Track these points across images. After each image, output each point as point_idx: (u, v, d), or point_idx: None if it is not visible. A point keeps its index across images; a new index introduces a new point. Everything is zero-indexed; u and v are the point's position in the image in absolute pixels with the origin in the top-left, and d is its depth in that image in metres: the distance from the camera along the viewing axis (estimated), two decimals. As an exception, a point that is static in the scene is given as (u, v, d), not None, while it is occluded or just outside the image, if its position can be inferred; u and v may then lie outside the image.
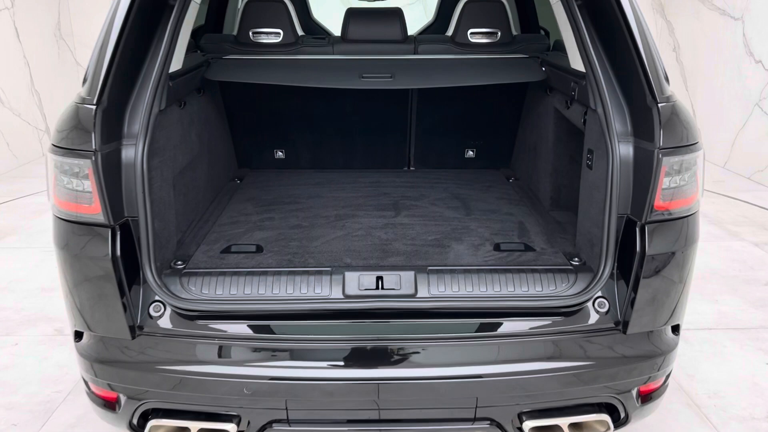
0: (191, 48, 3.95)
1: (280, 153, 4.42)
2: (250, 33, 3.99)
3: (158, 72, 2.74)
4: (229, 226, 3.37)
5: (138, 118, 2.65)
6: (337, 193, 3.95)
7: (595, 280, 2.70)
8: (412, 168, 4.51)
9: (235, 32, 4.12)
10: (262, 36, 4.02)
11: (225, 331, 2.64)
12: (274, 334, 2.66)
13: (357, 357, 2.60)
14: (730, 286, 5.28)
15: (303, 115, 4.27)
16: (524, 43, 4.07)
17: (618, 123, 2.67)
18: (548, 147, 3.60)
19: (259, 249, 3.06)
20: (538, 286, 2.73)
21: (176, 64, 2.98)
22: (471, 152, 4.45)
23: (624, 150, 2.64)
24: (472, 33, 4.01)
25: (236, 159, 4.41)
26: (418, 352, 2.61)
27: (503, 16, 3.95)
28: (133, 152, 2.60)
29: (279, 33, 3.99)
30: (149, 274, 2.64)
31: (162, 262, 2.78)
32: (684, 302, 2.80)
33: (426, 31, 5.79)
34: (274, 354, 2.62)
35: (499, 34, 4.03)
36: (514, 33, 4.15)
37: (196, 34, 5.03)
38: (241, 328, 2.66)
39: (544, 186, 3.67)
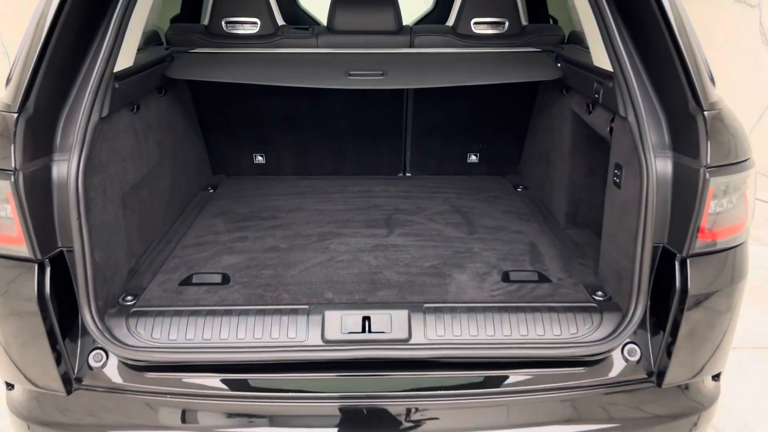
0: (154, 40, 3.47)
1: (260, 157, 3.95)
2: (223, 22, 3.51)
3: (99, 72, 2.28)
4: (193, 249, 2.91)
5: (74, 129, 2.19)
6: (323, 205, 3.49)
7: (625, 323, 2.27)
8: (407, 174, 4.04)
9: (206, 21, 3.64)
10: (237, 26, 3.54)
11: (179, 386, 2.22)
12: (238, 390, 2.22)
13: (338, 420, 2.16)
14: (754, 297, 4.83)
15: (286, 114, 3.78)
16: (535, 34, 3.59)
17: (653, 134, 2.23)
18: (564, 155, 3.14)
19: (225, 279, 2.60)
20: (556, 328, 2.30)
21: (125, 61, 2.51)
22: (474, 157, 3.98)
23: (661, 167, 2.20)
24: (476, 23, 3.54)
25: (210, 165, 3.94)
26: (412, 415, 2.17)
27: (511, 4, 3.48)
28: (66, 170, 2.15)
29: (256, 23, 3.52)
30: (88, 316, 2.21)
31: (106, 299, 2.34)
32: (728, 345, 2.37)
33: (424, 20, 5.28)
34: (237, 416, 2.19)
35: (507, 24, 3.55)
36: (524, 23, 3.67)
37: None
38: (199, 382, 2.23)
39: (559, 200, 3.21)
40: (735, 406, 3.54)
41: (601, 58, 2.53)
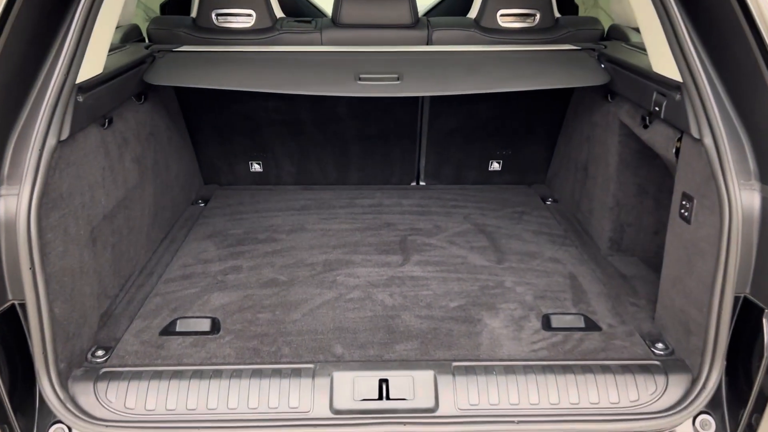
0: (133, 36, 3.05)
1: (257, 165, 3.52)
2: (213, 15, 3.09)
3: (57, 85, 1.86)
4: (178, 284, 2.50)
5: (26, 156, 1.78)
6: (328, 223, 3.07)
7: (698, 388, 1.90)
8: (421, 183, 3.61)
9: (193, 14, 3.20)
10: (229, 19, 3.11)
11: None
12: None
13: None
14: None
15: (285, 118, 3.35)
16: (570, 28, 3.15)
17: (736, 161, 1.82)
18: (609, 172, 2.71)
19: (215, 326, 2.20)
20: (613, 393, 1.91)
21: (92, 69, 2.09)
22: (496, 164, 3.55)
23: (747, 201, 1.81)
24: (502, 15, 3.11)
25: (201, 175, 3.51)
26: None
27: None
28: (15, 207, 1.74)
29: (251, 15, 3.10)
30: (46, 383, 1.84)
31: (70, 358, 1.94)
32: None
33: (436, 8, 4.79)
34: None
35: (538, 16, 3.13)
36: (557, 15, 3.24)
37: (164, 13, 4.10)
38: None
39: (601, 222, 2.79)
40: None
41: (664, 64, 2.10)
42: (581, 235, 2.94)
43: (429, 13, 4.60)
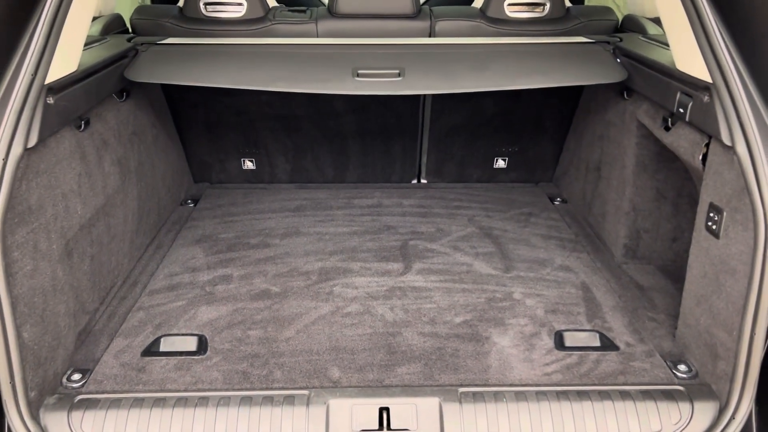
0: (115, 27, 2.86)
1: (250, 163, 3.34)
2: (201, 4, 2.90)
3: (23, 86, 1.68)
4: (164, 295, 2.33)
5: None
6: (324, 226, 2.90)
7: (726, 419, 1.78)
8: (423, 181, 3.43)
9: (181, 2, 3.01)
10: (219, 8, 2.92)
11: None
12: None
13: None
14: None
15: (279, 112, 3.16)
16: (582, 19, 2.97)
17: None
18: (625, 175, 2.54)
19: (202, 346, 2.04)
20: (633, 423, 1.77)
21: (65, 66, 1.91)
22: (501, 161, 3.37)
23: None
24: (510, 4, 2.92)
25: (190, 173, 3.33)
26: None
27: None
28: None
29: (241, 4, 2.91)
30: (15, 415, 1.70)
31: (42, 386, 1.79)
32: None
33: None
34: None
35: (548, 6, 2.94)
36: (567, 4, 3.05)
37: (154, 1, 3.90)
38: None
39: (615, 227, 2.62)
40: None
41: (690, 62, 1.93)
42: (593, 240, 2.77)
43: (429, 1, 4.39)
